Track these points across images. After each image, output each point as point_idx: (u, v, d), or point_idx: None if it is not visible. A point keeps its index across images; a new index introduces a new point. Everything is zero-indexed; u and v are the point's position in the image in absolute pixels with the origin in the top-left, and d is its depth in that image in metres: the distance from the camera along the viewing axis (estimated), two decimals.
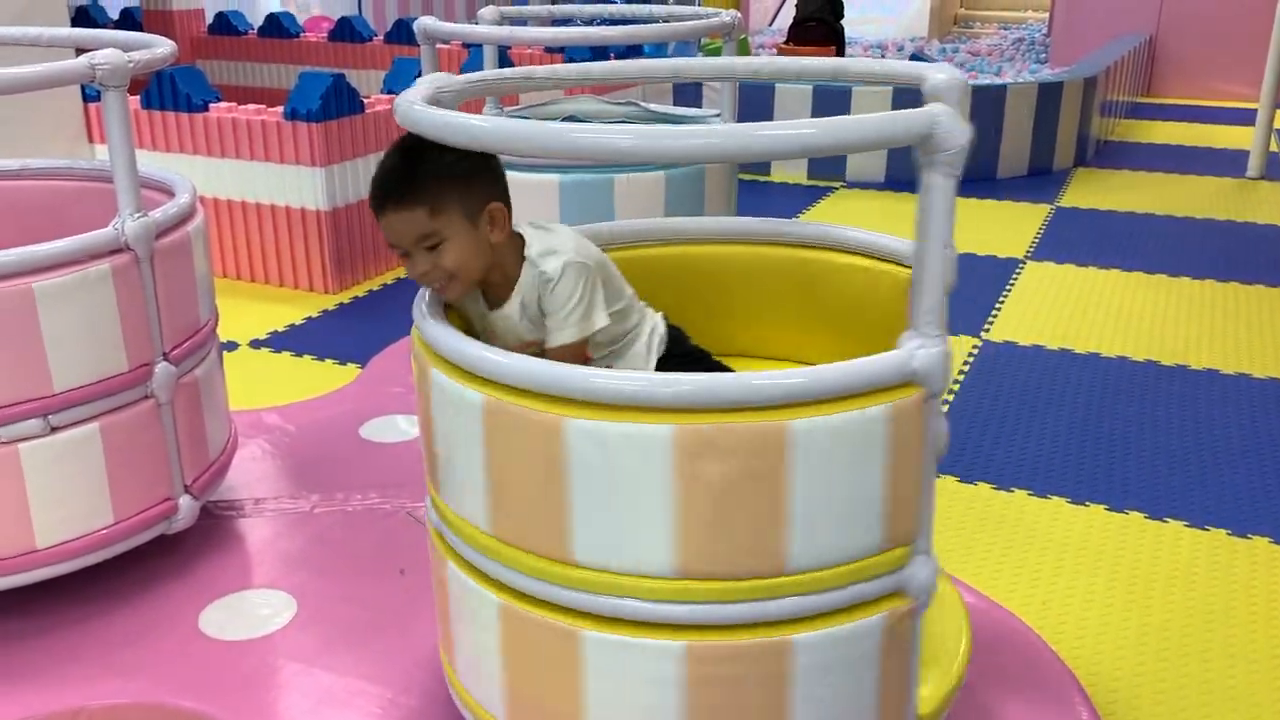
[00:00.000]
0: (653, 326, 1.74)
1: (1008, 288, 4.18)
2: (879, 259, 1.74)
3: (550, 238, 1.61)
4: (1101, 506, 2.58)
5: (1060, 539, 2.45)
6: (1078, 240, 4.84)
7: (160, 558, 2.12)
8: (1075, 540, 2.44)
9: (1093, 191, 5.75)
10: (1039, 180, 5.97)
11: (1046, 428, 3.00)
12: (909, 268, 1.67)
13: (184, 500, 2.08)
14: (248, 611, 1.98)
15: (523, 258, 1.59)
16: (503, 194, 1.56)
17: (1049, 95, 5.99)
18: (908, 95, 5.53)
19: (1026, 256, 4.59)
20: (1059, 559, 2.37)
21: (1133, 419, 3.06)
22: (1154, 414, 3.10)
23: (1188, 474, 2.75)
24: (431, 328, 1.41)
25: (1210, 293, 4.14)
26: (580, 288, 1.56)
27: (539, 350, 1.60)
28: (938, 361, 1.27)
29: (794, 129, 1.15)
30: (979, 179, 5.90)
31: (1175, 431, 2.98)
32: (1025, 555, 2.38)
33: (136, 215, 1.91)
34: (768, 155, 1.19)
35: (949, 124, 1.18)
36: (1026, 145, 6.02)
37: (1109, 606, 2.20)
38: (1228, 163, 6.39)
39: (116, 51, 1.87)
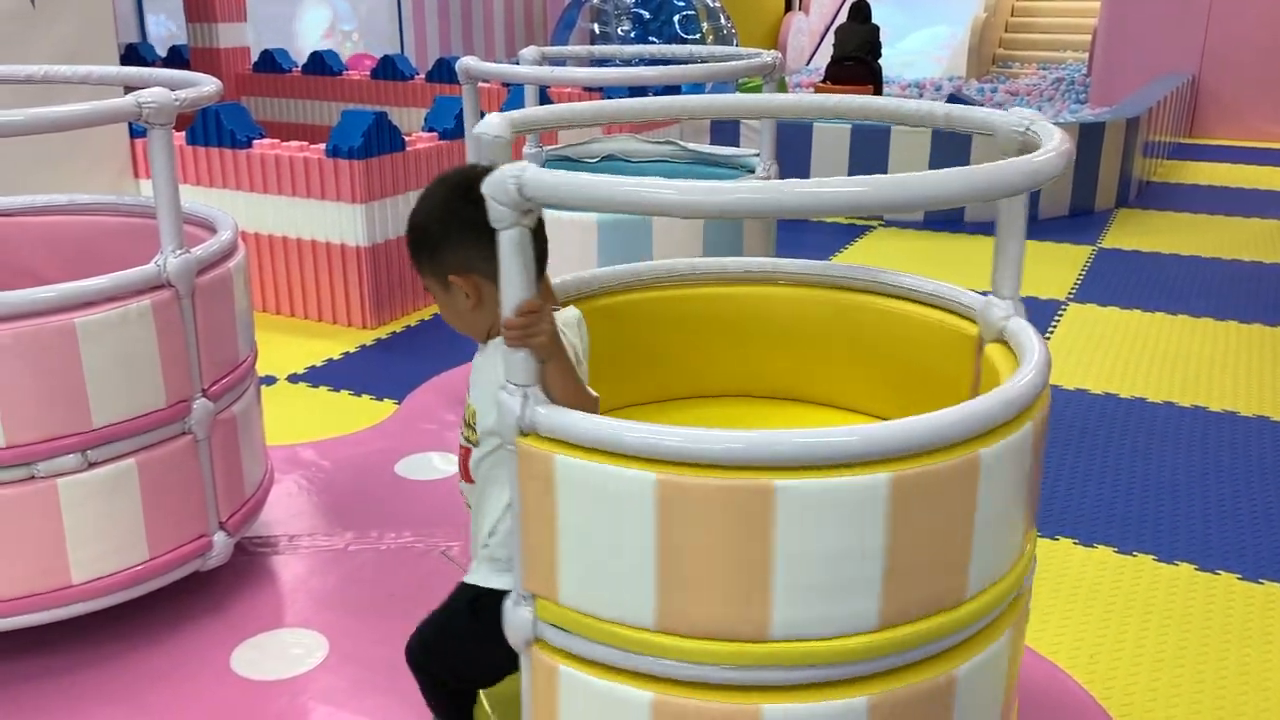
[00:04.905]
0: None
1: (1050, 330, 4.12)
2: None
3: None
4: (1150, 557, 2.52)
5: (1108, 590, 2.38)
6: (1121, 282, 4.78)
7: (194, 595, 2.11)
8: (1123, 592, 2.37)
9: (1136, 233, 5.68)
10: (1080, 221, 5.91)
11: (1092, 474, 2.94)
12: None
13: (219, 537, 2.07)
14: (280, 651, 1.97)
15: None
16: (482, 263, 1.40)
17: (1091, 135, 5.93)
18: (945, 139, 5.51)
19: (1069, 298, 4.53)
20: (1106, 611, 2.30)
21: (1181, 466, 2.99)
22: (1203, 461, 3.02)
23: (1239, 525, 2.67)
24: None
25: (1258, 337, 4.06)
26: None
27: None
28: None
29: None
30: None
31: (1226, 480, 2.91)
32: (1071, 607, 2.32)
33: (178, 252, 1.92)
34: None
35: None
36: (1068, 186, 5.97)
37: (1160, 662, 2.14)
38: (1274, 204, 6.30)
39: (164, 90, 1.89)
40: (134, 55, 6.41)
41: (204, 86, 2.02)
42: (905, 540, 1.20)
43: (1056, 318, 4.27)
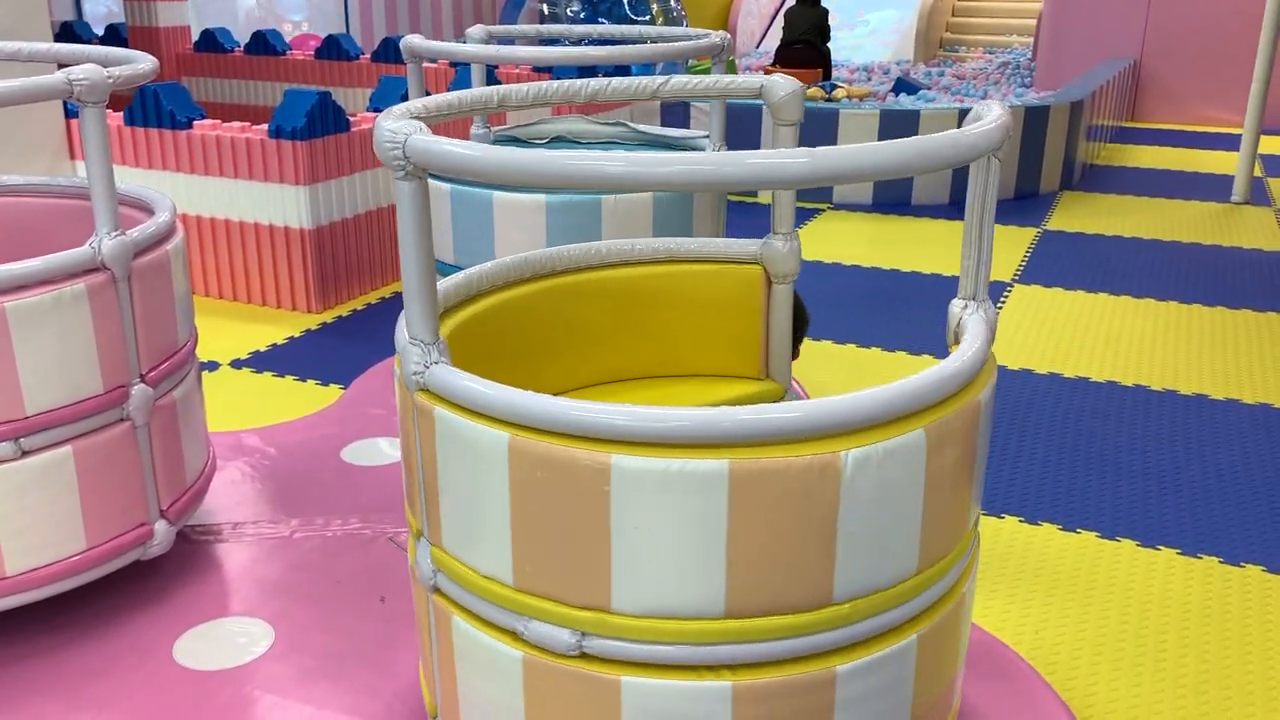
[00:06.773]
0: None
1: (996, 311, 4.17)
2: (720, 262, 1.93)
3: None
4: (1093, 534, 2.56)
5: (1051, 567, 2.42)
6: (1065, 264, 4.84)
7: (134, 584, 2.07)
8: (1067, 568, 2.41)
9: (1080, 215, 5.76)
10: (1025, 204, 5.98)
11: (1036, 453, 2.98)
12: (748, 264, 1.95)
13: (159, 525, 2.03)
14: (224, 640, 1.93)
15: None
16: None
17: (1035, 119, 6.00)
18: (894, 119, 5.55)
19: (1014, 280, 4.59)
20: (1050, 587, 2.34)
21: (1123, 444, 3.04)
22: (1144, 439, 3.08)
23: (1179, 501, 2.73)
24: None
25: (1198, 317, 4.14)
26: None
27: None
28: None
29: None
30: (965, 202, 5.90)
31: (1166, 457, 2.97)
32: (1017, 583, 2.35)
33: (113, 234, 1.87)
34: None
35: None
36: (1013, 169, 6.04)
37: (1102, 636, 2.17)
38: (1213, 187, 6.42)
39: (95, 67, 1.83)
40: (69, 34, 6.25)
41: (138, 64, 1.97)
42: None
43: (1002, 299, 4.32)
